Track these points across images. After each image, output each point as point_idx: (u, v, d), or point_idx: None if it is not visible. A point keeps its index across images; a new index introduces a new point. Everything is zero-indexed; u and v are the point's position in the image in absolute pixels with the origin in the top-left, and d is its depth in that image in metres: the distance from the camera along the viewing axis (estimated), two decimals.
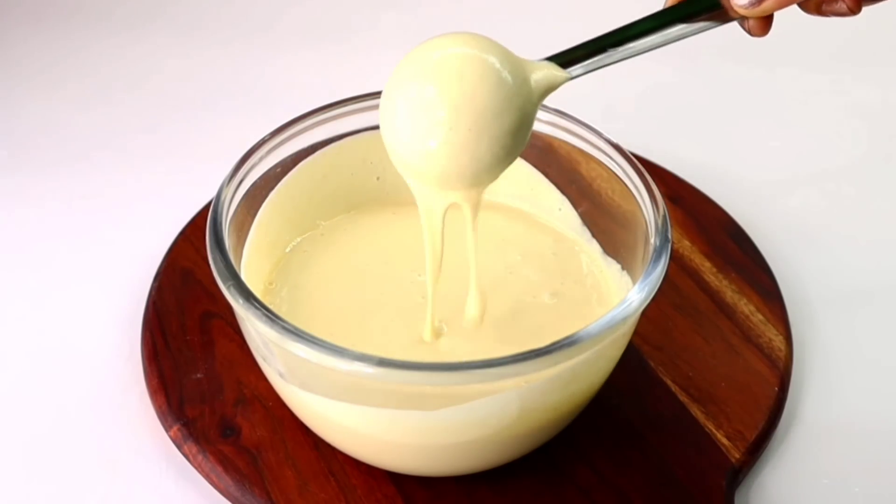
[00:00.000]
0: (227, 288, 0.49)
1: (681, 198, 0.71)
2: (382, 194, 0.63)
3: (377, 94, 0.58)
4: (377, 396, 0.48)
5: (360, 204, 0.63)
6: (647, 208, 0.53)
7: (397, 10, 0.92)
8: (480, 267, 0.54)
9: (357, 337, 0.54)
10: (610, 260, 0.59)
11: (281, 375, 0.51)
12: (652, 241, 0.51)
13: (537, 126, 0.59)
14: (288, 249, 0.60)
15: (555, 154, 0.60)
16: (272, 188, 0.58)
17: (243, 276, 0.53)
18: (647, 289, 0.49)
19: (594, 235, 0.61)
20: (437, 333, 0.55)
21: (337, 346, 0.46)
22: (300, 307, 0.57)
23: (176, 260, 0.65)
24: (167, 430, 0.56)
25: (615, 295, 0.58)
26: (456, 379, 0.45)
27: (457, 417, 0.48)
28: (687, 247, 0.67)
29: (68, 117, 0.79)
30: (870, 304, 0.67)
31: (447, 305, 0.56)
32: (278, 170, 0.58)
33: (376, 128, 0.59)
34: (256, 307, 0.47)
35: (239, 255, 0.55)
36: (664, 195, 0.54)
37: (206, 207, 0.68)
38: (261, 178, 0.57)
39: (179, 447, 0.55)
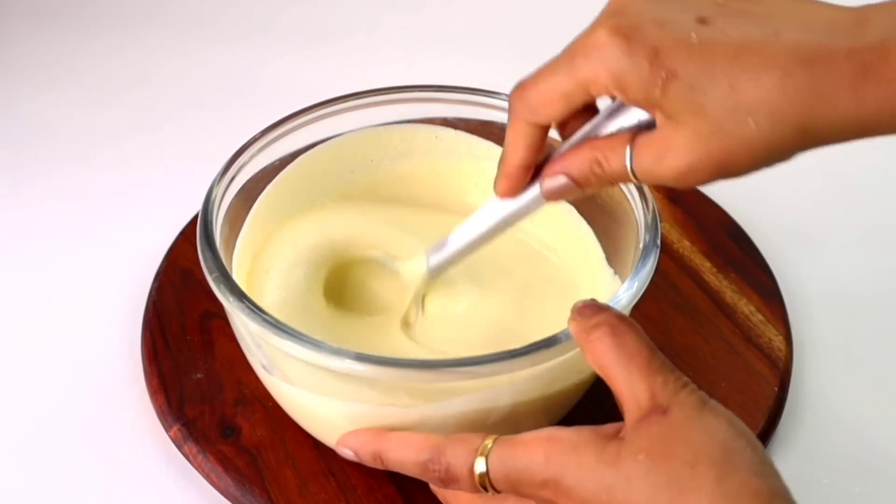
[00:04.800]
0: (213, 279, 0.49)
1: (680, 198, 0.71)
2: (382, 191, 0.63)
3: (376, 91, 0.59)
4: (364, 392, 0.48)
5: (357, 199, 0.62)
6: (637, 205, 0.53)
7: (397, 10, 0.92)
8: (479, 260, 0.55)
9: (346, 332, 0.54)
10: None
11: (264, 367, 0.52)
12: (642, 238, 0.51)
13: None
14: (277, 246, 0.60)
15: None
16: (267, 183, 0.59)
17: (235, 270, 0.54)
18: (636, 286, 0.49)
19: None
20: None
21: (315, 340, 0.46)
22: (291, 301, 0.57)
23: (176, 260, 0.65)
24: (167, 430, 0.56)
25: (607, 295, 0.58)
26: (430, 377, 0.46)
27: (436, 416, 0.48)
28: (687, 247, 0.67)
29: (68, 117, 0.79)
30: (869, 304, 0.67)
31: (439, 299, 0.56)
32: (277, 163, 0.59)
33: (378, 125, 0.60)
34: (241, 301, 0.48)
35: (231, 248, 0.56)
36: (664, 195, 0.54)
37: None
38: (254, 175, 0.57)
39: (179, 447, 0.55)
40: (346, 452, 0.49)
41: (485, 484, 0.44)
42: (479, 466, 0.44)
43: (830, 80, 0.38)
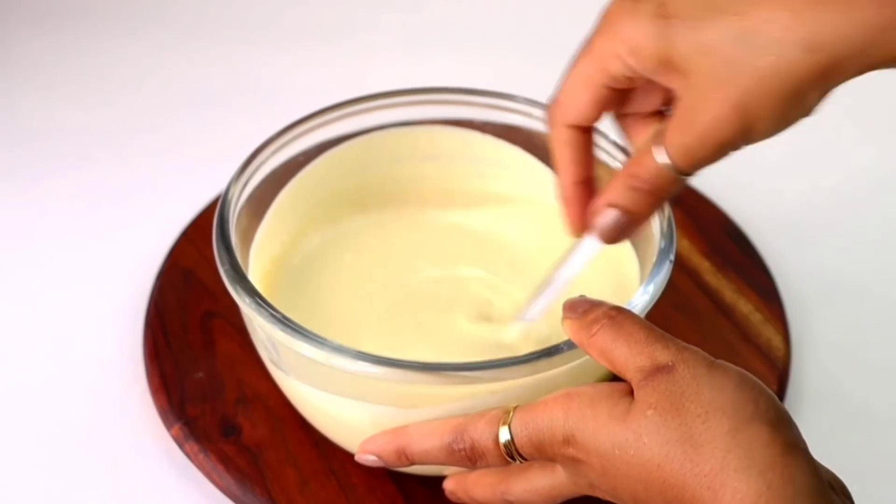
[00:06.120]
0: (223, 268, 0.49)
1: (679, 198, 0.71)
2: (406, 191, 0.63)
3: (400, 92, 0.60)
4: (377, 394, 0.49)
5: (379, 200, 0.63)
6: None
7: (397, 10, 0.92)
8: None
9: (356, 330, 0.54)
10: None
11: (273, 362, 0.52)
12: (657, 243, 0.52)
13: (540, 126, 0.60)
14: (298, 240, 0.60)
15: None
16: (287, 179, 0.59)
17: (251, 266, 0.55)
18: (651, 290, 0.49)
19: None
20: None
21: (316, 335, 0.46)
22: (303, 297, 0.57)
23: (177, 260, 0.65)
24: (168, 429, 0.56)
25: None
26: (432, 380, 0.46)
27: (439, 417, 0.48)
28: (686, 247, 0.68)
29: (69, 117, 0.79)
30: (867, 303, 0.67)
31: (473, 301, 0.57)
32: (301, 158, 0.59)
33: (403, 125, 0.60)
34: (251, 295, 0.48)
35: (248, 244, 0.56)
36: None
37: (208, 207, 0.68)
38: (272, 171, 0.57)
39: (181, 446, 0.55)
40: (369, 458, 0.48)
41: (511, 452, 0.44)
42: (504, 435, 0.43)
43: None
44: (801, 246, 0.71)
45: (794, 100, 0.39)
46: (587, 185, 0.48)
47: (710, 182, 0.74)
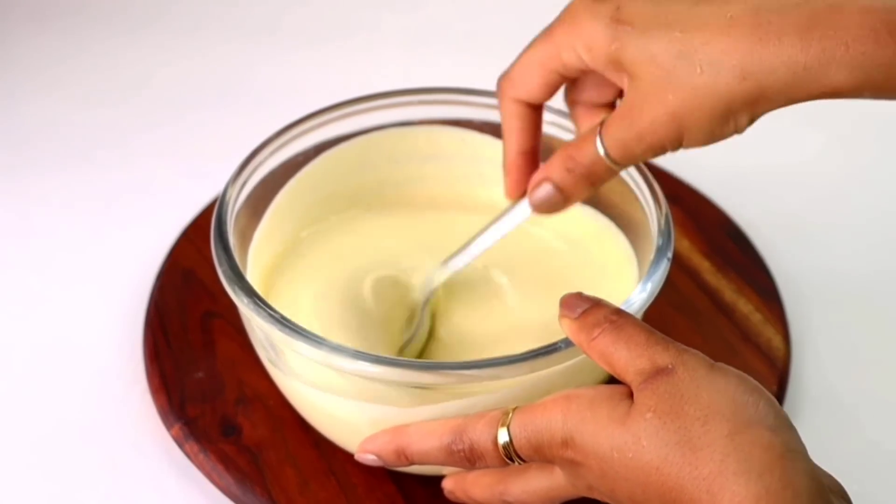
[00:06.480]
0: (221, 269, 0.50)
1: (679, 198, 0.71)
2: (406, 192, 0.63)
3: (399, 92, 0.60)
4: (376, 394, 0.49)
5: (378, 200, 0.62)
6: (650, 208, 0.54)
7: (397, 10, 0.92)
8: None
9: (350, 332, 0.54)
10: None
11: (271, 362, 0.52)
12: (655, 241, 0.52)
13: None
14: (295, 240, 0.60)
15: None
16: (286, 180, 0.59)
17: (250, 265, 0.55)
18: (649, 288, 0.49)
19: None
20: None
21: (314, 335, 0.46)
22: (300, 299, 0.57)
23: (177, 260, 0.65)
24: (168, 430, 0.56)
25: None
26: (429, 379, 0.46)
27: (438, 416, 0.48)
28: (686, 246, 0.68)
29: (69, 117, 0.79)
30: (868, 303, 0.67)
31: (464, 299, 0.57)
32: (300, 158, 0.59)
33: (402, 125, 0.60)
34: (249, 295, 0.48)
35: (247, 244, 0.56)
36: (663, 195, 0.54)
37: (208, 207, 0.68)
38: (270, 172, 0.57)
39: (181, 446, 0.55)
40: (369, 458, 0.48)
41: (510, 454, 0.44)
42: (503, 437, 0.44)
43: (776, 25, 0.40)
44: (801, 246, 0.71)
45: (724, 118, 0.42)
46: (530, 154, 0.50)
47: (710, 182, 0.74)
